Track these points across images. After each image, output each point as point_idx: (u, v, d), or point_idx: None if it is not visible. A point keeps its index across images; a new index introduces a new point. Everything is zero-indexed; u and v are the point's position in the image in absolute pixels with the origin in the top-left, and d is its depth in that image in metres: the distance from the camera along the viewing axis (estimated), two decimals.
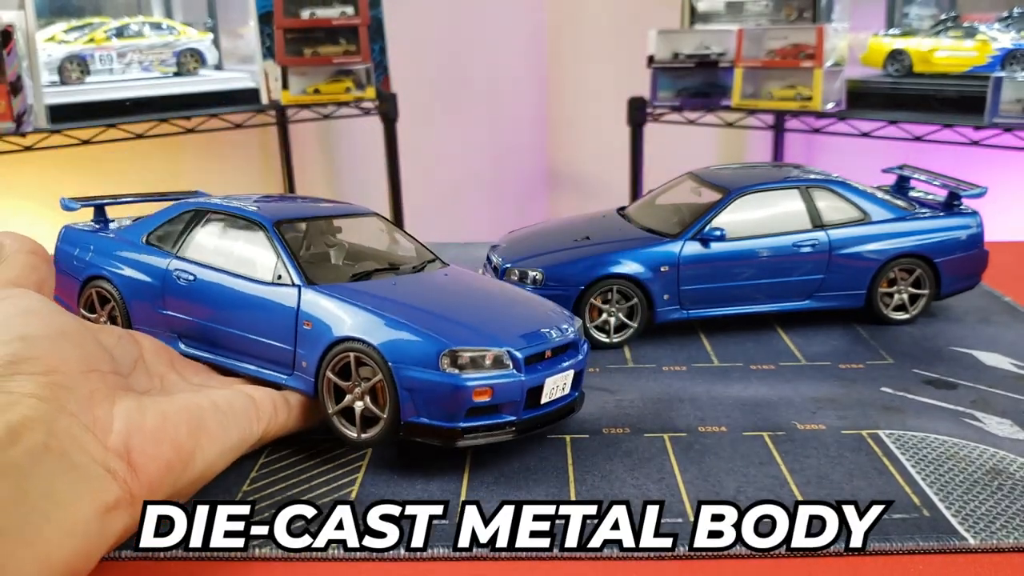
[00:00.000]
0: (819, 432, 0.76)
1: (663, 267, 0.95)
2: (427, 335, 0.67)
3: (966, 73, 2.17)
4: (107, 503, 0.54)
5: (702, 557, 0.59)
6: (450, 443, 0.66)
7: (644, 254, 0.95)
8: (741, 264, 0.96)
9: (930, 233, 0.99)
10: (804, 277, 0.98)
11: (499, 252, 1.00)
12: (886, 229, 0.99)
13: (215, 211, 0.81)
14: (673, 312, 0.96)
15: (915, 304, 1.01)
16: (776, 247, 0.97)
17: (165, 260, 0.80)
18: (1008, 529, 0.61)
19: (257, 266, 0.75)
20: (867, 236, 0.99)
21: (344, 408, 0.70)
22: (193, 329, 0.79)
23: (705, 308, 0.97)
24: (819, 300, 0.99)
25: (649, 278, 0.94)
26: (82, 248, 0.87)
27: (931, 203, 1.05)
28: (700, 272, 0.95)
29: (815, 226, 0.98)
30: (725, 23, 2.48)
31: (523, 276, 0.95)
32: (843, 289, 0.99)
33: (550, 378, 0.70)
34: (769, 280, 0.97)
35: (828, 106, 2.20)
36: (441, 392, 0.65)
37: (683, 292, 0.96)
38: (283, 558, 0.59)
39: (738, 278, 0.97)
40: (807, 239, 0.97)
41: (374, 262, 0.82)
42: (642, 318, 0.95)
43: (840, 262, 0.98)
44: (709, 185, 1.02)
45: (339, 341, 0.69)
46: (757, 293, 0.98)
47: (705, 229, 0.96)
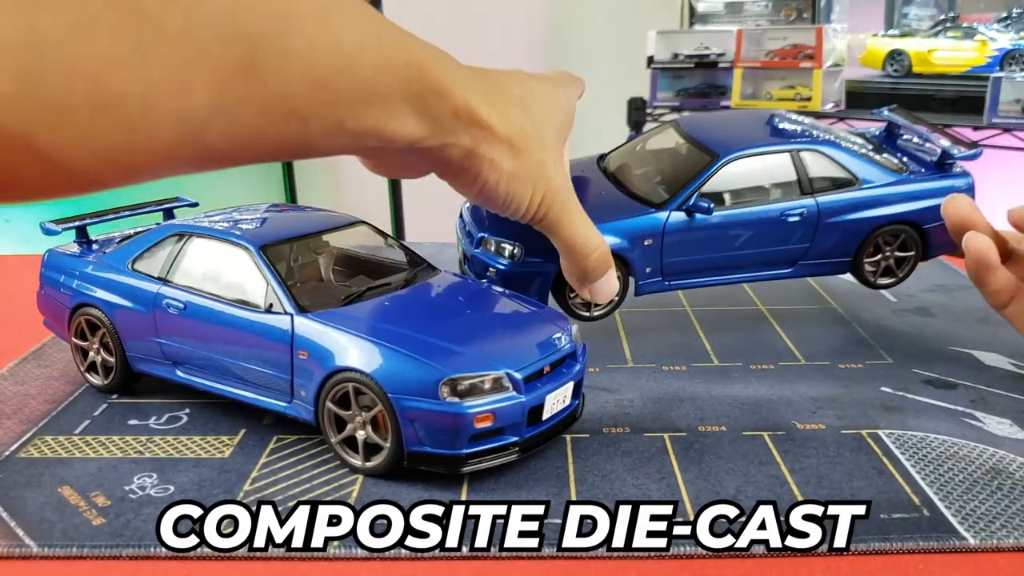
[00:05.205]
0: (819, 432, 0.76)
1: (647, 240, 0.90)
2: (425, 364, 0.66)
3: (965, 74, 2.17)
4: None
5: (702, 557, 0.59)
6: (454, 470, 0.66)
7: (627, 225, 0.89)
8: (727, 234, 0.92)
9: (920, 198, 0.94)
10: (790, 246, 0.94)
11: (472, 212, 0.94)
12: (877, 194, 0.94)
13: (199, 234, 0.80)
14: (655, 284, 0.92)
15: (902, 267, 0.97)
16: (763, 215, 0.92)
17: (154, 287, 0.80)
18: (1008, 529, 0.61)
19: (247, 292, 0.75)
20: (857, 202, 0.94)
21: (347, 437, 0.70)
22: (188, 357, 0.78)
23: (687, 279, 0.94)
24: (803, 268, 0.96)
25: (631, 251, 0.89)
26: (67, 275, 0.86)
27: (922, 159, 1.00)
28: (684, 242, 0.91)
29: (804, 192, 0.93)
30: (724, 24, 2.48)
31: (499, 249, 0.88)
32: (829, 256, 0.95)
33: (551, 394, 0.70)
34: (755, 250, 0.93)
35: (827, 106, 2.20)
36: (442, 421, 0.65)
37: (666, 264, 0.91)
38: (283, 557, 0.59)
39: (723, 248, 0.92)
40: (795, 206, 0.93)
41: (365, 276, 0.82)
42: (623, 291, 0.90)
43: (828, 229, 0.94)
44: (695, 143, 0.96)
45: (336, 371, 0.68)
46: (741, 262, 0.94)
47: (692, 200, 0.90)
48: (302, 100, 0.39)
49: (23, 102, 0.29)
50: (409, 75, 0.44)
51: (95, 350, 0.84)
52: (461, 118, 0.48)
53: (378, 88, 0.43)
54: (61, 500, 0.66)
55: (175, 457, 0.72)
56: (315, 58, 0.38)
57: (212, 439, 0.75)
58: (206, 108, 0.35)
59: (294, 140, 0.40)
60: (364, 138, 0.44)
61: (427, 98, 0.46)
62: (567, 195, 0.57)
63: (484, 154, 0.50)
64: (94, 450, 0.73)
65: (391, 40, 0.44)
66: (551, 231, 0.58)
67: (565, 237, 0.59)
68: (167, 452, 0.73)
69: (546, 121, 0.57)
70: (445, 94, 0.46)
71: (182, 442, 0.75)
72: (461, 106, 0.48)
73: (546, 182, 0.55)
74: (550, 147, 0.56)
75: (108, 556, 0.60)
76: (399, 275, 0.81)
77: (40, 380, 0.88)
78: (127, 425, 0.78)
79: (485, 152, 0.50)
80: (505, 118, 0.51)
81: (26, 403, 0.82)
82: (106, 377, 0.84)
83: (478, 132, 0.49)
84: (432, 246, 1.24)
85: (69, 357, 0.89)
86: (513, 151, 0.52)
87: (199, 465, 0.71)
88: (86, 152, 0.31)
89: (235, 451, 0.73)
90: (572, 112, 0.62)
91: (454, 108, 0.47)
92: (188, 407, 0.81)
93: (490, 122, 0.49)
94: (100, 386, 0.84)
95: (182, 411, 0.80)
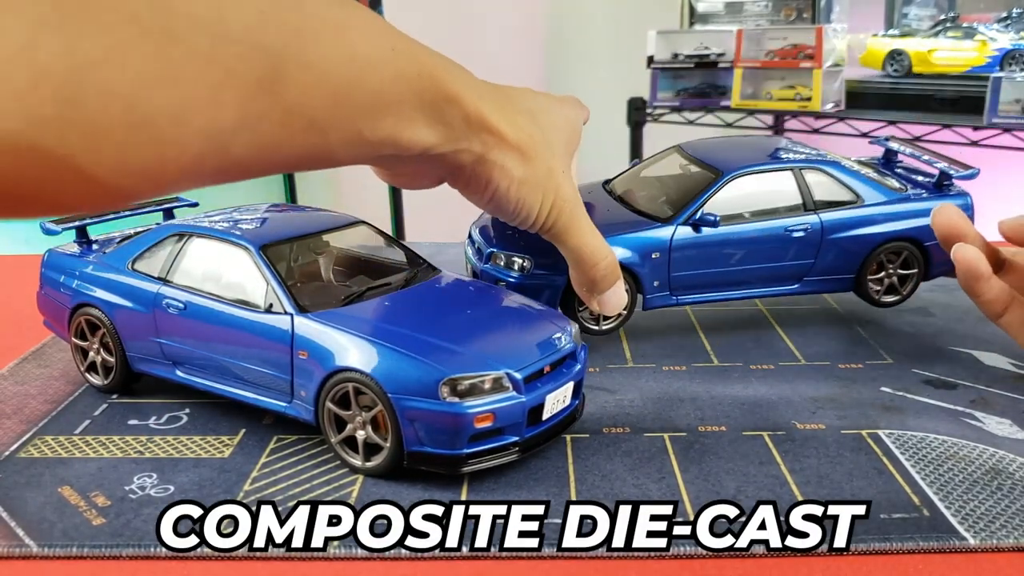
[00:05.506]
0: (819, 432, 0.76)
1: (654, 253, 0.92)
2: (425, 364, 0.66)
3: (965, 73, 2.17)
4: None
5: (702, 557, 0.59)
6: (454, 470, 0.66)
7: (635, 240, 0.92)
8: (732, 249, 0.94)
9: (921, 216, 0.97)
10: (795, 262, 0.96)
11: (482, 231, 0.96)
12: (878, 211, 0.97)
13: (199, 234, 0.80)
14: (662, 299, 0.94)
15: (905, 284, 1.00)
16: (768, 231, 0.95)
17: (153, 287, 0.80)
18: (1008, 529, 0.61)
19: (247, 292, 0.75)
20: (859, 219, 0.97)
21: (347, 437, 0.70)
22: (188, 357, 0.78)
23: (694, 294, 0.95)
24: (808, 284, 0.98)
25: (639, 264, 0.91)
26: (67, 275, 0.86)
27: (921, 182, 1.03)
28: (691, 257, 0.93)
29: (807, 209, 0.96)
30: (724, 23, 2.48)
31: (509, 263, 0.90)
32: (833, 273, 0.98)
33: (551, 394, 0.70)
34: (760, 265, 0.95)
35: (827, 106, 2.20)
36: (442, 421, 0.65)
37: (673, 278, 0.93)
38: (283, 557, 0.59)
39: (729, 263, 0.94)
40: (799, 223, 0.95)
41: (365, 276, 0.82)
42: (631, 305, 0.92)
43: (831, 246, 0.96)
44: (699, 163, 0.99)
45: (336, 371, 0.68)
46: (747, 278, 0.96)
47: (698, 214, 0.93)
48: (321, 112, 0.40)
49: (64, 124, 0.31)
50: (422, 84, 0.45)
51: (95, 350, 0.84)
52: (472, 124, 0.49)
53: (392, 98, 0.44)
54: (61, 500, 0.66)
55: (175, 457, 0.72)
56: (332, 71, 0.40)
57: (212, 439, 0.75)
58: (231, 122, 0.36)
59: (314, 150, 0.42)
60: (381, 147, 0.45)
61: (439, 105, 0.47)
62: (575, 204, 0.57)
63: (495, 160, 0.51)
64: (94, 450, 0.73)
65: (404, 51, 0.45)
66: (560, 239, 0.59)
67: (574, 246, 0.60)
68: (167, 452, 0.73)
69: (554, 131, 0.57)
70: (457, 101, 0.47)
71: (182, 442, 0.75)
72: (472, 112, 0.48)
73: (555, 189, 0.55)
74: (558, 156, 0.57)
75: (108, 556, 0.60)
76: (399, 275, 0.81)
77: (40, 380, 0.88)
78: (127, 425, 0.78)
79: (496, 158, 0.51)
80: (515, 125, 0.51)
81: (26, 403, 0.82)
82: (106, 377, 0.84)
83: (489, 138, 0.50)
84: (432, 246, 1.24)
85: (69, 357, 0.89)
86: (523, 157, 0.52)
87: (199, 465, 0.71)
88: (122, 168, 0.33)
89: (235, 451, 0.73)
90: (579, 129, 0.63)
91: (465, 115, 0.48)
92: (188, 407, 0.81)
93: (500, 128, 0.50)
94: (100, 386, 0.84)
95: (182, 411, 0.80)
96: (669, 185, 1.01)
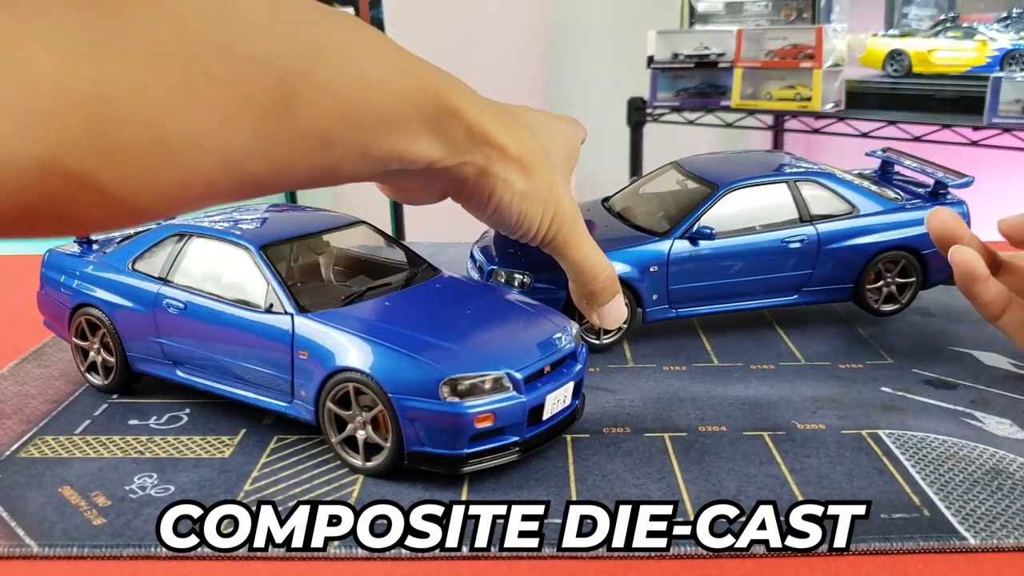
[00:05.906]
0: (819, 432, 0.76)
1: (652, 267, 0.93)
2: (425, 364, 0.66)
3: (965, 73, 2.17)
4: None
5: (702, 557, 0.59)
6: (455, 470, 0.67)
7: (633, 254, 0.93)
8: (730, 261, 0.95)
9: (918, 225, 0.98)
10: (792, 272, 0.97)
11: (483, 251, 0.98)
12: (874, 221, 0.98)
13: (200, 234, 0.80)
14: (662, 312, 0.95)
15: (903, 293, 1.01)
16: (765, 243, 0.96)
17: (154, 287, 0.80)
18: (1008, 529, 0.61)
19: (247, 292, 0.75)
20: (856, 229, 0.98)
21: (347, 437, 0.70)
22: (189, 357, 0.78)
23: (694, 306, 0.97)
24: (807, 295, 0.99)
25: (638, 279, 0.93)
26: (67, 274, 0.86)
27: (917, 192, 1.04)
28: (689, 270, 0.94)
29: (803, 220, 0.97)
30: (724, 24, 2.48)
31: (510, 279, 0.92)
32: (831, 283, 0.99)
33: (551, 394, 0.70)
34: (758, 276, 0.97)
35: (827, 106, 2.20)
36: (443, 421, 0.65)
37: (672, 291, 0.95)
38: (283, 557, 0.59)
39: (727, 275, 0.96)
40: (796, 234, 0.96)
41: (365, 276, 0.82)
42: (631, 318, 0.94)
43: (828, 256, 0.97)
44: (695, 178, 1.01)
45: (337, 371, 0.68)
46: (745, 289, 0.97)
47: (694, 227, 0.94)
48: (331, 131, 0.42)
49: (91, 148, 0.32)
50: (426, 101, 0.47)
51: (95, 350, 0.84)
52: (475, 138, 0.51)
53: (399, 114, 0.46)
54: (61, 500, 0.66)
55: (175, 457, 0.72)
56: (342, 91, 0.42)
57: (212, 439, 0.75)
58: (246, 144, 0.38)
59: (323, 167, 0.43)
60: (387, 162, 0.47)
61: (443, 120, 0.49)
62: (575, 218, 0.59)
63: (497, 173, 0.53)
64: (94, 450, 0.73)
65: (409, 69, 0.47)
66: (560, 253, 0.60)
67: (573, 259, 0.61)
68: (167, 452, 0.73)
69: (554, 147, 0.59)
70: (460, 116, 0.49)
71: (182, 442, 0.75)
72: (475, 126, 0.50)
73: (556, 203, 0.57)
74: (559, 171, 0.58)
75: (108, 556, 0.60)
76: (399, 275, 0.81)
77: (40, 380, 0.88)
78: (127, 425, 0.78)
79: (498, 171, 0.53)
80: (517, 140, 0.53)
81: (26, 403, 0.82)
82: (106, 377, 0.84)
83: (491, 151, 0.52)
84: (432, 246, 1.24)
85: (69, 357, 0.89)
86: (524, 171, 0.54)
87: (199, 465, 0.71)
88: (145, 189, 0.35)
89: (235, 451, 0.73)
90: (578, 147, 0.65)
91: (468, 128, 0.50)
92: (188, 407, 0.81)
93: (502, 142, 0.52)
94: (100, 386, 0.84)
95: (182, 411, 0.80)
96: (666, 200, 1.02)
